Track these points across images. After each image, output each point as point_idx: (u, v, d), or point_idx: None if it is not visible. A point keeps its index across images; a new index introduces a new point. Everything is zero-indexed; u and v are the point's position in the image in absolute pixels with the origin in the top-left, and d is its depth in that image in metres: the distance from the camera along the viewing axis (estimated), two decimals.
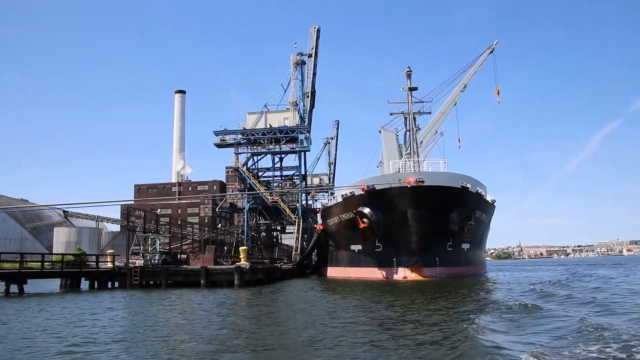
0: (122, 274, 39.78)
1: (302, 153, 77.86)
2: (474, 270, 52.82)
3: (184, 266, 41.28)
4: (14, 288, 33.93)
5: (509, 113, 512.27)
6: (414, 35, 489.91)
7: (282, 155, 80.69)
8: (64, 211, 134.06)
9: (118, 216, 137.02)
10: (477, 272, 53.75)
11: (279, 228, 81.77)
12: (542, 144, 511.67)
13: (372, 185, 43.99)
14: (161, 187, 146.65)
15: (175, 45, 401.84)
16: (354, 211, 46.69)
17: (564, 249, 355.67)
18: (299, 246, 69.81)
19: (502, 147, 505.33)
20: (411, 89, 53.86)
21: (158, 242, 41.13)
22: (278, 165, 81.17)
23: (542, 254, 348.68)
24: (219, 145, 79.90)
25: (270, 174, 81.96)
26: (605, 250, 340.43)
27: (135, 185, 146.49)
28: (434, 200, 42.39)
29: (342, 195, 49.14)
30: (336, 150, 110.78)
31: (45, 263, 38.88)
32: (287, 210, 74.35)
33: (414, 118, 54.07)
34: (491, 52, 69.34)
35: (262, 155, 78.39)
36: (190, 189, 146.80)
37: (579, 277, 44.80)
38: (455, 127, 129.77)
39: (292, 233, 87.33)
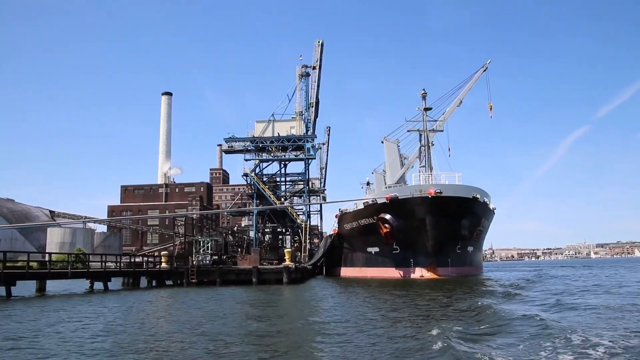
0: (179, 272, 45.98)
1: (307, 160, 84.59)
2: (476, 270, 61.12)
3: (235, 266, 47.78)
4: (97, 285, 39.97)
5: (480, 118, 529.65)
6: (392, 39, 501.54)
7: (286, 162, 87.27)
8: (51, 211, 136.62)
9: (105, 216, 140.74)
10: (478, 272, 62.00)
11: (284, 231, 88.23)
12: (512, 148, 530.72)
13: (395, 195, 51.49)
14: (148, 188, 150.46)
15: (161, 48, 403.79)
16: (375, 217, 54.02)
17: (534, 251, 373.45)
18: (307, 248, 76.61)
19: (475, 151, 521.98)
20: (426, 109, 61.78)
21: (209, 245, 47.38)
22: (283, 171, 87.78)
23: (513, 256, 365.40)
24: (226, 152, 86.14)
25: (278, 179, 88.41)
26: (574, 253, 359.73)
27: (122, 186, 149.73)
28: (449, 209, 50.11)
29: (363, 203, 56.36)
30: (327, 156, 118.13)
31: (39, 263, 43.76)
32: (295, 214, 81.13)
33: (428, 135, 61.77)
34: (485, 70, 77.65)
35: (270, 162, 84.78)
36: (177, 190, 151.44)
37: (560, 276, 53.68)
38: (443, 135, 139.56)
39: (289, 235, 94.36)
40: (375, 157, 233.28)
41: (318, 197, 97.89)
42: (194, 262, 45.91)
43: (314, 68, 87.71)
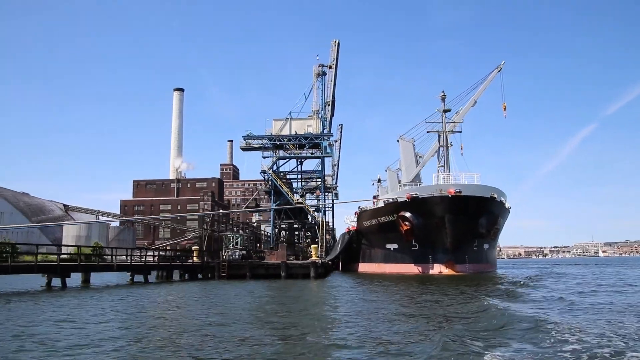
0: (210, 267, 48.74)
1: (324, 158, 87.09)
2: (491, 267, 63.76)
3: (264, 261, 50.54)
4: (138, 278, 42.76)
5: (488, 116, 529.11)
6: (392, 37, 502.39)
7: (303, 160, 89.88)
8: (65, 205, 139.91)
9: (117, 210, 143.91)
10: (493, 269, 64.60)
11: (299, 226, 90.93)
12: (518, 146, 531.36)
13: (416, 194, 54.11)
14: (160, 183, 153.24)
15: (169, 46, 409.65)
16: (396, 215, 56.64)
17: (542, 249, 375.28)
18: (324, 244, 79.24)
19: (482, 148, 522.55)
20: (445, 111, 64.35)
21: (240, 240, 50.10)
22: (299, 168, 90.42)
23: (520, 254, 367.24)
24: (244, 149, 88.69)
25: (292, 176, 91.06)
26: (581, 251, 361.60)
27: (134, 181, 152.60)
28: (468, 208, 52.67)
29: (383, 201, 59.02)
30: (339, 153, 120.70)
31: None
32: (311, 210, 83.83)
33: (447, 136, 64.35)
34: (499, 71, 79.94)
35: (287, 160, 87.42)
36: (188, 185, 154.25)
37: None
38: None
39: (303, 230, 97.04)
40: (379, 155, 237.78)
41: (331, 194, 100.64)
42: (225, 257, 48.63)
43: (330, 67, 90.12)
